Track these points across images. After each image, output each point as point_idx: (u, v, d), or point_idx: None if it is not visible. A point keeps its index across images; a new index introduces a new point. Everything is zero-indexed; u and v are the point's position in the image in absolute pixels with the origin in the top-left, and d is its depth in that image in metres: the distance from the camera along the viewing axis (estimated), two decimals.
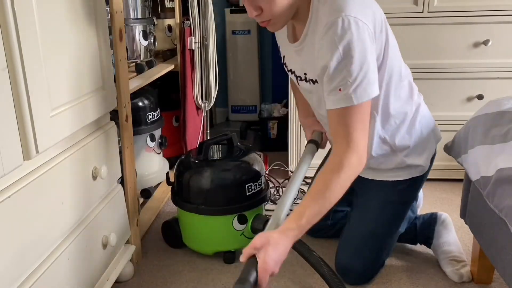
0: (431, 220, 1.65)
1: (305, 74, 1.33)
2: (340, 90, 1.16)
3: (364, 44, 1.14)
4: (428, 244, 1.65)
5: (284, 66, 1.47)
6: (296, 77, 1.40)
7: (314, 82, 1.30)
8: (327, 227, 1.74)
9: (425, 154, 1.46)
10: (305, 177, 1.43)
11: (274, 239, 1.05)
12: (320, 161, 1.67)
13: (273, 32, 1.30)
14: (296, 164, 2.31)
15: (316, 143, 1.51)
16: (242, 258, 1.05)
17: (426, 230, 1.64)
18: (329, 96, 1.20)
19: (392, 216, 1.51)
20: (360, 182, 1.51)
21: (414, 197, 1.55)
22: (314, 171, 1.69)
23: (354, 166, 1.19)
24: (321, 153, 1.55)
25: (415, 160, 1.44)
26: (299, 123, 2.24)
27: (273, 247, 1.03)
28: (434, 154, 1.50)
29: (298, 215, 1.13)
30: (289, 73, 1.46)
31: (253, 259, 1.03)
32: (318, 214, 1.15)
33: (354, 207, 1.57)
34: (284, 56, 1.45)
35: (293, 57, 1.37)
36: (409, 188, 1.49)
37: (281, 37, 1.41)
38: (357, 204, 1.56)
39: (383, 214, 1.49)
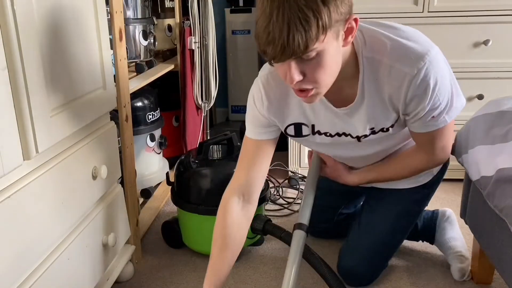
0: (433, 217, 1.65)
1: (373, 128, 1.21)
2: (433, 117, 1.15)
3: (447, 67, 1.14)
4: (431, 240, 1.66)
5: (317, 134, 1.28)
6: (353, 138, 1.25)
7: (389, 129, 1.22)
8: (330, 229, 1.74)
9: None
10: None
11: (343, 178, 1.45)
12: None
13: (310, 102, 1.08)
14: (296, 164, 2.32)
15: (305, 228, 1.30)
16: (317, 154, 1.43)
17: (429, 227, 1.64)
18: (418, 123, 1.17)
19: (406, 226, 1.52)
20: (374, 190, 1.52)
21: (426, 205, 1.55)
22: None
23: (437, 165, 1.37)
24: None
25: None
26: None
27: (335, 177, 1.47)
28: (447, 163, 1.46)
29: (366, 174, 1.42)
30: (330, 138, 1.27)
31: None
32: (376, 181, 1.44)
33: (366, 213, 1.54)
34: (314, 125, 1.26)
35: (342, 120, 1.21)
36: (424, 197, 1.50)
37: (306, 107, 1.20)
38: (370, 211, 1.53)
39: (398, 225, 1.49)
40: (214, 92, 2.26)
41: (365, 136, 1.23)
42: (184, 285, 1.54)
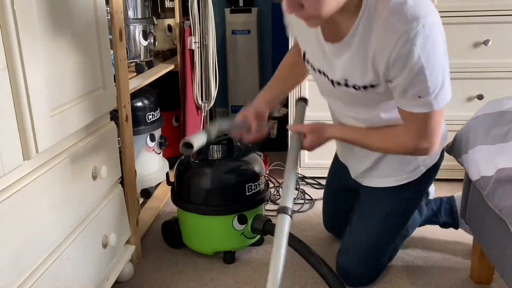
0: (452, 206, 1.67)
1: (346, 80, 1.22)
2: (420, 97, 1.12)
3: (442, 49, 1.10)
4: (456, 227, 1.68)
5: (306, 62, 1.35)
6: (329, 80, 1.28)
7: (360, 88, 1.21)
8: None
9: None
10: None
11: (324, 134, 1.35)
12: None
13: (311, 27, 1.13)
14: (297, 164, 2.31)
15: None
16: (293, 128, 1.38)
17: (450, 215, 1.66)
18: (404, 100, 1.15)
19: (395, 225, 1.51)
20: (364, 188, 1.52)
21: (418, 206, 1.54)
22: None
23: (415, 154, 1.31)
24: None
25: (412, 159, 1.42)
26: None
27: (318, 138, 1.35)
28: (438, 162, 1.47)
29: (347, 131, 1.38)
30: (313, 72, 1.34)
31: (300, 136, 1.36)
32: (355, 142, 1.37)
33: (357, 213, 1.55)
34: (306, 52, 1.33)
35: (325, 57, 1.24)
36: (413, 195, 1.49)
37: (304, 28, 1.15)
38: (361, 211, 1.54)
39: (387, 224, 1.49)
40: (214, 92, 2.26)
41: (339, 84, 1.25)
42: (184, 285, 1.54)
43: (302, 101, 1.55)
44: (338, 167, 1.65)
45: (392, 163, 1.43)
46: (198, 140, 1.36)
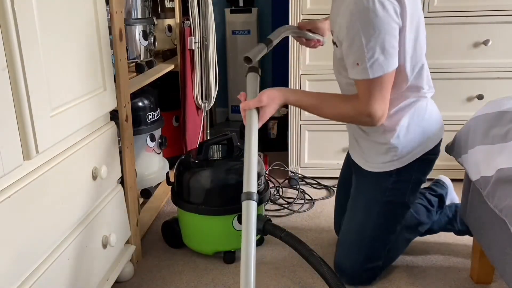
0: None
1: (332, 32, 1.39)
2: (358, 64, 1.25)
3: (387, 26, 1.20)
4: (471, 233, 1.62)
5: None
6: (333, 42, 1.41)
7: (335, 44, 1.36)
8: None
9: (415, 145, 1.42)
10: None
11: (275, 100, 1.34)
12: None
13: None
14: (296, 164, 2.31)
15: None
16: (245, 106, 1.32)
17: (463, 224, 1.64)
18: (349, 66, 1.29)
19: (378, 217, 1.47)
20: (355, 170, 1.54)
21: (402, 201, 1.48)
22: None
23: (362, 121, 1.36)
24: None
25: (400, 145, 1.40)
26: (299, 123, 2.25)
27: (270, 107, 1.33)
28: (433, 157, 1.46)
29: (301, 95, 1.42)
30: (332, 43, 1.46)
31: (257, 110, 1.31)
32: (307, 107, 1.40)
33: (350, 197, 1.55)
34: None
35: (332, 12, 1.40)
36: (394, 186, 1.45)
37: None
38: (352, 195, 1.54)
39: (370, 214, 1.47)
40: (214, 92, 2.26)
41: (332, 33, 1.41)
42: (184, 285, 1.54)
43: (253, 71, 1.44)
44: (348, 162, 1.66)
45: (368, 146, 1.47)
46: (256, 52, 1.45)
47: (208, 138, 2.34)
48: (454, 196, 1.76)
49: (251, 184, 1.15)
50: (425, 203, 1.66)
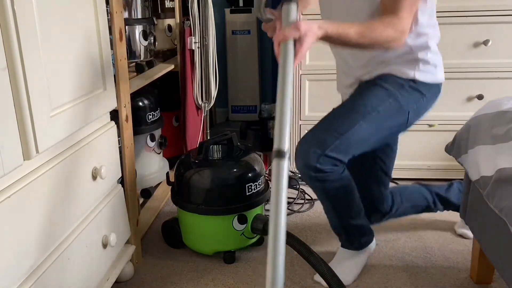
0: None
1: None
2: None
3: None
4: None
5: None
6: None
7: None
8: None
9: (435, 69, 1.46)
10: None
11: (314, 29, 1.15)
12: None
13: None
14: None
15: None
16: (280, 36, 1.11)
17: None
18: None
19: (355, 109, 1.40)
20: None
21: (406, 110, 1.42)
22: None
23: (401, 40, 1.29)
24: None
25: (425, 58, 1.43)
26: (299, 123, 2.25)
27: (309, 37, 1.11)
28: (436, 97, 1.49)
29: (341, 24, 1.24)
30: None
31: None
32: (351, 37, 1.24)
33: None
34: None
35: None
36: (391, 94, 1.41)
37: None
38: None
39: (361, 97, 1.43)
40: (214, 92, 2.26)
41: None
42: (184, 285, 1.54)
43: (290, 2, 1.19)
44: None
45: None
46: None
47: (208, 138, 2.34)
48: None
49: (283, 140, 0.93)
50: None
